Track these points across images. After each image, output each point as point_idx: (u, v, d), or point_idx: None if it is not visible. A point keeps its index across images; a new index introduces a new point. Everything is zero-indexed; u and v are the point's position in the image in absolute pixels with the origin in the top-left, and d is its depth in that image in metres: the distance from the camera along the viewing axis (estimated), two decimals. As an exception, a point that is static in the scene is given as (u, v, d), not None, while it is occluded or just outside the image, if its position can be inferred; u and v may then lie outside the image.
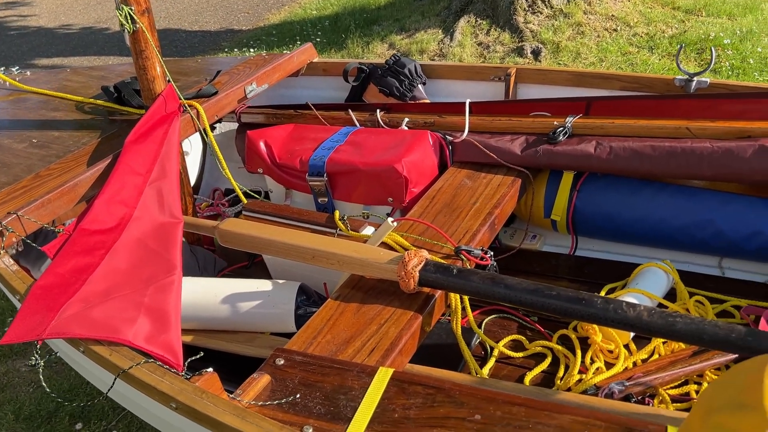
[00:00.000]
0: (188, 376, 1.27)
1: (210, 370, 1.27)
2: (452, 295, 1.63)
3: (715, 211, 1.94)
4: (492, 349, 1.87)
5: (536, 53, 4.90)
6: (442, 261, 1.67)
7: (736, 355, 1.62)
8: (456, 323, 1.65)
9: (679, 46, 4.66)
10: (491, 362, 1.83)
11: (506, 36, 5.19)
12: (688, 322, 1.31)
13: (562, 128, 2.05)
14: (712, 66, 2.10)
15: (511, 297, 1.47)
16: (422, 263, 1.56)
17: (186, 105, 2.10)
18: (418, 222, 1.86)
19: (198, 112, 2.11)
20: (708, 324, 1.30)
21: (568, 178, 2.13)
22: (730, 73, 4.77)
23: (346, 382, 1.33)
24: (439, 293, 1.63)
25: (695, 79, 2.12)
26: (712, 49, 2.08)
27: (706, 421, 0.90)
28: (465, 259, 1.71)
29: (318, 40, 5.97)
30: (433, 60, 5.13)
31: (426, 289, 1.61)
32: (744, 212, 1.91)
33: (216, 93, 2.25)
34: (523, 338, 1.90)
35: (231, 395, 1.29)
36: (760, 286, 2.00)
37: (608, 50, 4.97)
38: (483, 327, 1.97)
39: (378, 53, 5.45)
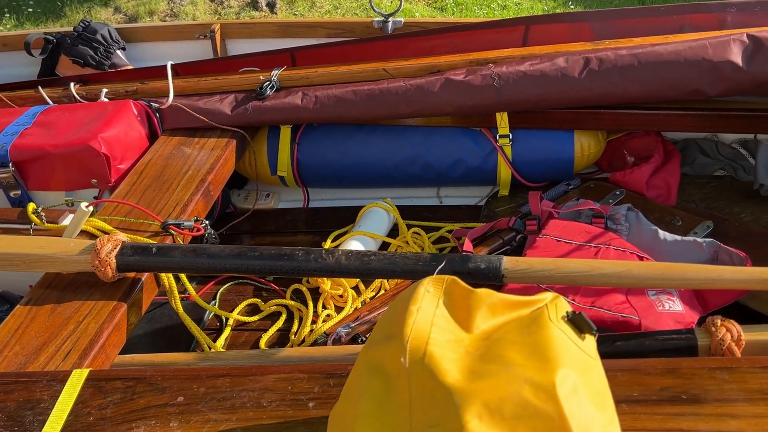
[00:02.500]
0: None
1: None
2: (163, 274, 1.54)
3: (421, 146, 2.05)
4: (227, 319, 1.82)
5: (271, 6, 4.81)
6: (150, 241, 1.56)
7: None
8: (174, 302, 1.56)
9: None
10: (226, 332, 1.78)
11: (240, -10, 5.02)
12: (381, 259, 1.36)
13: (268, 82, 2.00)
14: (402, 6, 2.18)
15: (216, 266, 1.42)
16: (118, 247, 1.44)
17: None
18: (121, 203, 1.72)
19: None
20: (398, 257, 1.36)
21: (286, 133, 2.11)
22: (454, 9, 5.10)
23: (35, 396, 1.19)
24: (146, 275, 1.52)
25: (390, 20, 2.19)
26: (399, -10, 2.16)
27: (364, 355, 0.93)
28: (175, 233, 1.62)
29: (30, 10, 5.29)
30: (164, 21, 4.82)
31: (131, 274, 1.50)
32: (445, 143, 2.04)
33: None
34: (259, 300, 1.87)
35: None
36: (471, 209, 2.17)
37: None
38: (218, 297, 1.91)
39: (103, 19, 4.97)
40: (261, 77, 2.02)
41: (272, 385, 1.18)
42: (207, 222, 1.67)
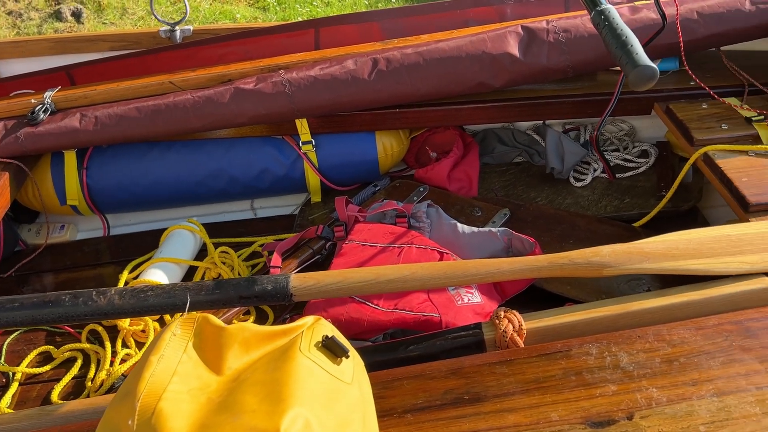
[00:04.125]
0: None
1: None
2: None
3: (223, 159, 1.96)
4: (14, 374, 1.63)
5: (77, 15, 4.46)
6: None
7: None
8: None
9: None
10: (13, 389, 1.58)
11: (40, 0, 4.60)
12: (159, 293, 1.26)
13: (41, 105, 1.82)
14: (188, 14, 2.06)
15: (-33, 322, 1.25)
16: None
17: None
18: None
19: None
20: (178, 289, 1.27)
21: (71, 158, 1.93)
22: (277, 8, 5.01)
23: None
24: None
25: (178, 28, 2.06)
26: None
27: (103, 417, 0.83)
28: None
29: None
30: (-48, 39, 4.31)
31: None
32: (247, 155, 1.96)
33: None
34: (52, 347, 1.69)
35: None
36: (287, 218, 2.11)
37: (155, 0, 4.78)
38: (4, 349, 1.70)
39: None
40: (33, 100, 1.83)
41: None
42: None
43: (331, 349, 0.86)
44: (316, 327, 0.90)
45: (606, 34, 1.14)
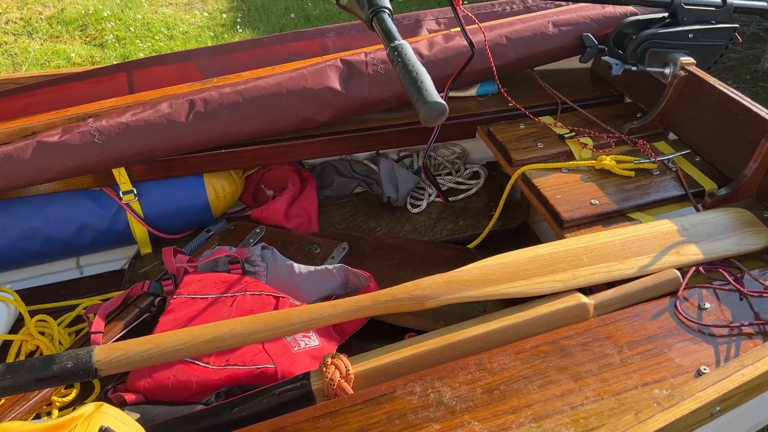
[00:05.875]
0: None
1: None
2: None
3: (35, 218, 1.79)
4: None
5: None
6: None
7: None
8: None
9: None
10: None
11: None
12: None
13: None
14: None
15: None
16: None
17: None
18: None
19: None
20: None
21: None
22: (116, 45, 4.77)
23: None
24: None
25: (-31, 79, 1.88)
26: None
27: None
28: None
29: None
30: None
31: None
32: (62, 211, 1.80)
33: None
34: None
35: None
36: (116, 274, 1.97)
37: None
38: None
39: None
40: None
41: None
42: None
43: (106, 442, 0.77)
44: (94, 417, 0.81)
45: (399, 70, 1.14)
